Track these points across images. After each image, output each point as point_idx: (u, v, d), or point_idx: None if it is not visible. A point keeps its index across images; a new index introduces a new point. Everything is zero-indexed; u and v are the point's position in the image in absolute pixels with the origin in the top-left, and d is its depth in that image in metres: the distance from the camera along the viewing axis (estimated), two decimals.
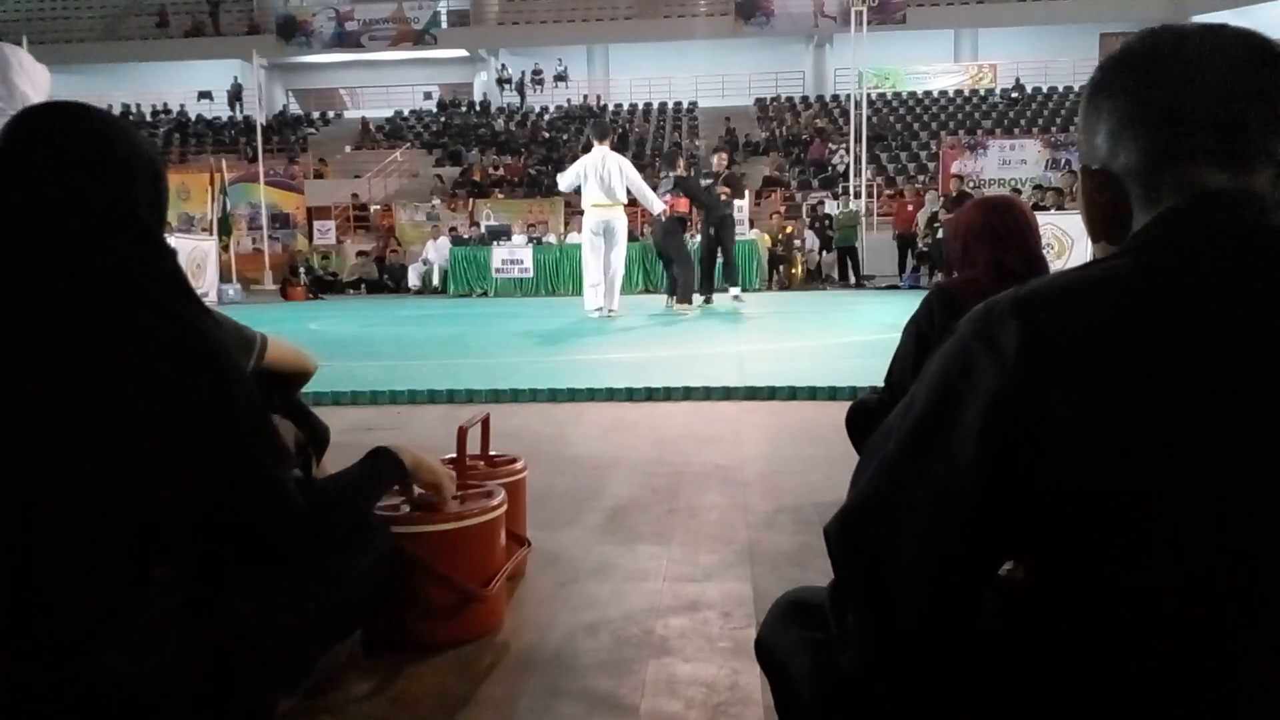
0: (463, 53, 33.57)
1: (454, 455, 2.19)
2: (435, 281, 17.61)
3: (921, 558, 0.87)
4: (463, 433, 2.15)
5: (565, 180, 10.03)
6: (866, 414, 2.91)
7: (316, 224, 21.13)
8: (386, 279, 18.80)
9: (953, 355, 0.87)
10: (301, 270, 17.67)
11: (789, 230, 16.99)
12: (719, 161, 11.65)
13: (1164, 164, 0.88)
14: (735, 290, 11.65)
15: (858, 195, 17.96)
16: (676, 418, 4.31)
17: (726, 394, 4.74)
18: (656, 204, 10.39)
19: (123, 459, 1.17)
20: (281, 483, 1.35)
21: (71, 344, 1.17)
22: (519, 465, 2.34)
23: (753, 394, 4.71)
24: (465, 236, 17.85)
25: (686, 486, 3.10)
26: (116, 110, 32.16)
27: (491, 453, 2.41)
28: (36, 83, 3.24)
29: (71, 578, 1.14)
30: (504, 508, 1.98)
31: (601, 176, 9.51)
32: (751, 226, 16.67)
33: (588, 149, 9.87)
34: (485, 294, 16.14)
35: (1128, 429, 0.78)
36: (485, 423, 2.34)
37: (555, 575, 2.28)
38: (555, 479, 3.18)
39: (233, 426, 1.27)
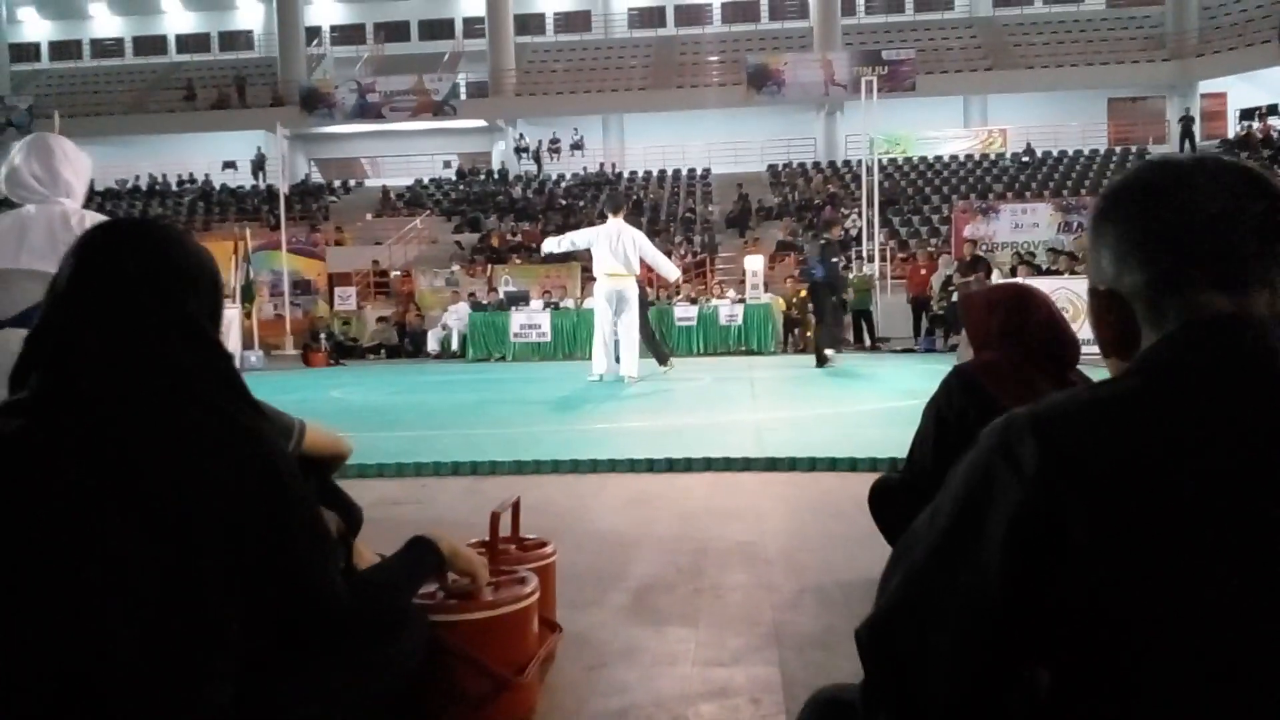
0: (481, 123, 34.21)
1: (486, 539, 2.24)
2: (454, 346, 17.74)
3: (950, 663, 0.91)
4: (495, 518, 2.20)
5: (558, 244, 10.43)
6: (889, 493, 2.94)
7: (337, 290, 21.37)
8: (406, 344, 18.95)
9: (975, 468, 0.92)
10: (322, 336, 17.85)
11: (803, 294, 17.09)
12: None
13: (1167, 288, 0.93)
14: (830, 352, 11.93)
15: (871, 259, 18.08)
16: (697, 490, 4.34)
17: (746, 465, 4.77)
18: (673, 271, 10.85)
19: (182, 559, 1.22)
20: (329, 580, 1.40)
21: (134, 450, 1.24)
22: (549, 550, 2.38)
23: (773, 465, 4.74)
24: (484, 302, 18.03)
25: (710, 564, 3.13)
26: (144, 180, 32.83)
27: (522, 534, 2.45)
28: (79, 170, 3.34)
29: (131, 677, 1.18)
30: (537, 595, 2.02)
31: (614, 249, 9.81)
32: (766, 290, 16.81)
33: (602, 219, 10.17)
34: (504, 359, 16.25)
35: (1143, 547, 0.82)
36: (516, 506, 2.39)
37: (584, 659, 2.30)
38: (579, 555, 3.20)
39: (286, 528, 1.32)
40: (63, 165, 3.25)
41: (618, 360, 10.16)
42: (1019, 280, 10.74)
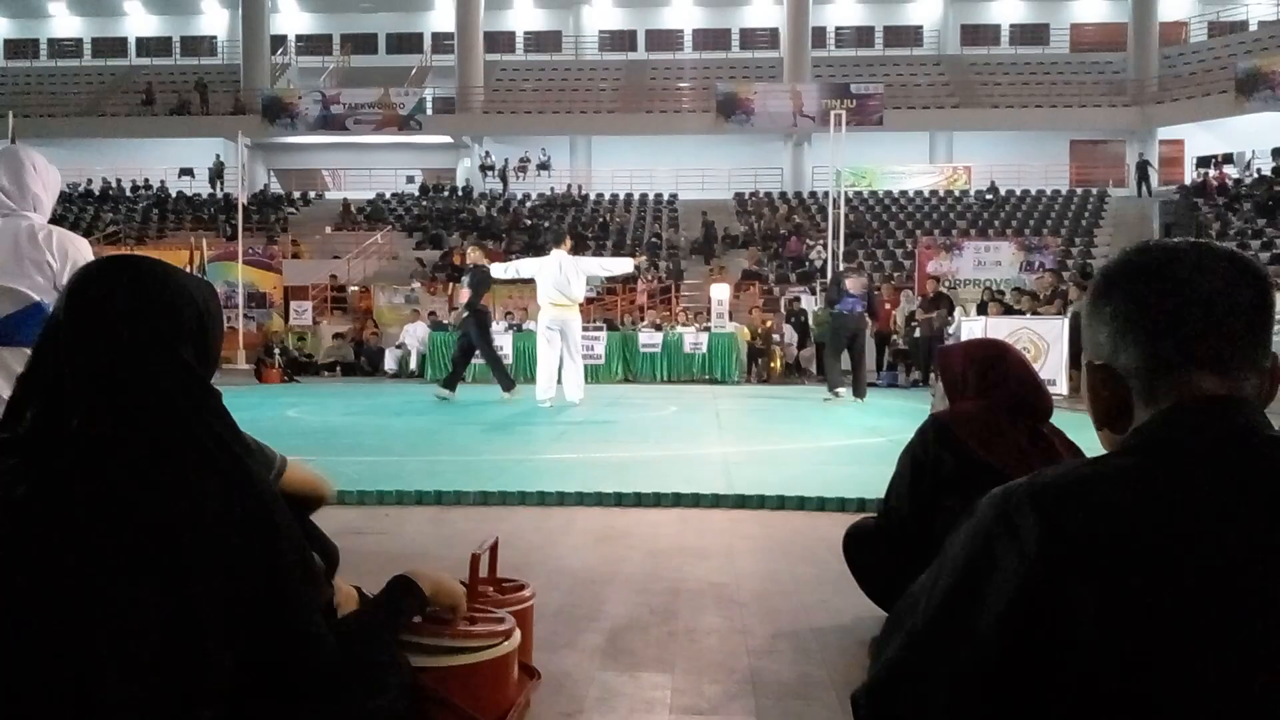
0: (446, 139, 34.06)
1: (462, 578, 2.19)
2: (412, 366, 17.53)
3: None
4: (475, 560, 2.16)
5: (504, 271, 11.12)
6: (864, 539, 2.95)
7: (293, 304, 21.08)
8: (363, 362, 18.73)
9: (975, 537, 0.94)
10: (276, 351, 17.57)
11: (768, 324, 17.17)
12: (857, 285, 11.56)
13: (1162, 368, 0.97)
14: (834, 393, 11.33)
15: None
16: (667, 527, 4.30)
17: (716, 501, 4.73)
18: (625, 264, 11.72)
19: (175, 603, 1.21)
20: (317, 625, 1.38)
21: (125, 491, 1.23)
22: (527, 593, 2.33)
23: (742, 502, 4.71)
24: (445, 322, 17.87)
25: (684, 606, 3.09)
26: (97, 185, 32.29)
27: (499, 576, 2.41)
28: (48, 184, 3.29)
29: None
30: (518, 640, 1.97)
31: (557, 281, 10.13)
32: (731, 319, 16.87)
33: (546, 251, 10.61)
34: (463, 379, 16.07)
35: (1142, 626, 0.84)
36: (494, 548, 2.34)
37: (560, 705, 2.25)
38: (550, 594, 3.15)
39: (278, 570, 1.31)
40: (32, 179, 3.21)
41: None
42: (994, 335, 10.87)
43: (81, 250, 3.21)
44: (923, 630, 0.95)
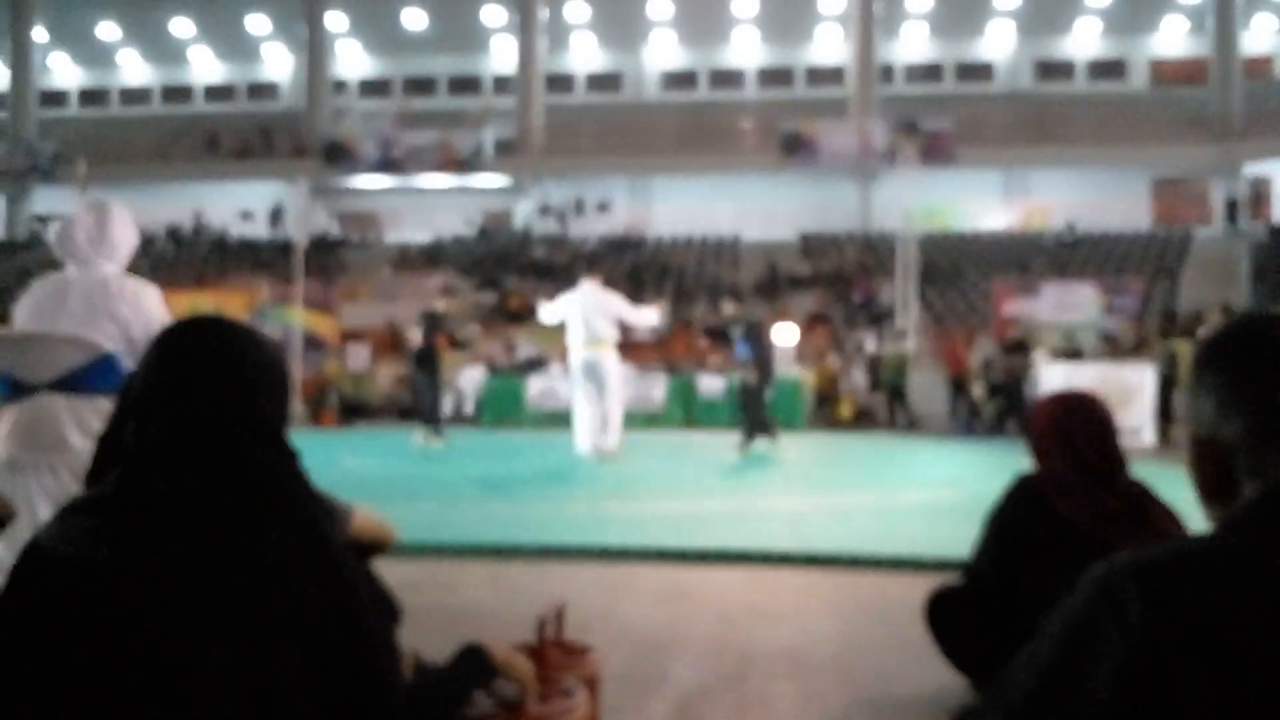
0: (505, 182, 34.20)
1: (524, 640, 2.13)
2: (467, 410, 17.34)
3: None
4: (543, 625, 2.10)
5: (550, 315, 9.64)
6: (948, 605, 2.84)
7: (350, 347, 21.11)
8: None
9: (1076, 614, 0.92)
10: (335, 395, 17.64)
11: (835, 368, 16.90)
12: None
13: (1268, 441, 0.95)
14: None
15: (905, 335, 17.80)
16: (735, 586, 4.15)
17: (784, 559, 4.57)
18: (650, 317, 10.02)
19: (262, 666, 1.21)
20: (395, 689, 1.36)
21: (206, 551, 1.24)
22: (594, 657, 2.27)
23: (812, 560, 4.53)
24: (499, 365, 17.82)
25: (755, 672, 2.96)
26: (162, 227, 33.04)
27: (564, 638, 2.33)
28: (127, 237, 3.41)
29: None
30: (586, 710, 1.89)
31: (585, 316, 8.92)
32: (797, 363, 16.61)
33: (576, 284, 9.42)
34: (517, 424, 15.99)
35: (1247, 712, 0.81)
36: (561, 613, 2.27)
37: None
38: (614, 656, 3.02)
39: (358, 634, 1.30)
40: (114, 227, 3.33)
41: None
42: (1077, 383, 10.59)
43: (154, 301, 3.26)
44: (1021, 705, 0.93)
